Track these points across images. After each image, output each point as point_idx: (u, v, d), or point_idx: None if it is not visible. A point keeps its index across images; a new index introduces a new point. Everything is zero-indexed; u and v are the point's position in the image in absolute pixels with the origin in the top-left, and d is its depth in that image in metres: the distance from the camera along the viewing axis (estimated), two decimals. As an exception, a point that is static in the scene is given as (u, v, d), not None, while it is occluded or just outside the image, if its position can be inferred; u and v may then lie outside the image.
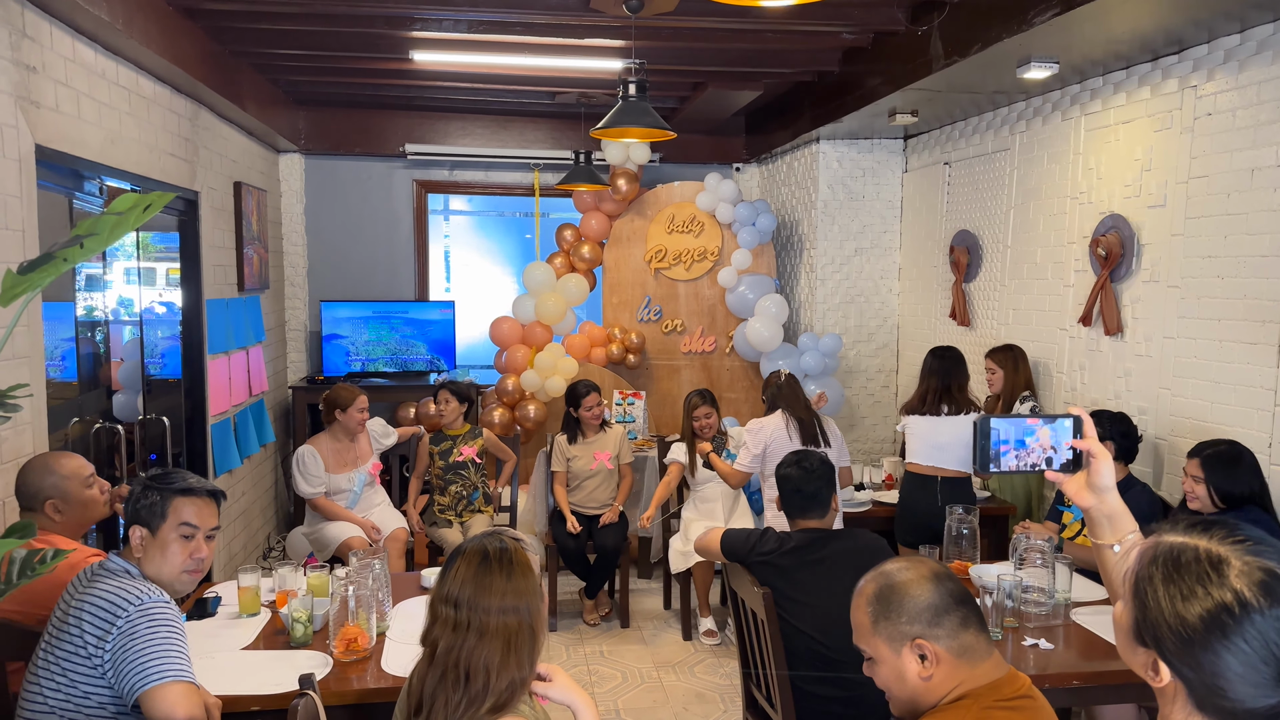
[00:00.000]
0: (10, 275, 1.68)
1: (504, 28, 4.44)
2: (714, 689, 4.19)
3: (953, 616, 1.58)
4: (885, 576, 1.65)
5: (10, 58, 2.91)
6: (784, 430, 4.27)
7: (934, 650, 1.57)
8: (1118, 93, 4.15)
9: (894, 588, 1.62)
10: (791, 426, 4.28)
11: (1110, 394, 4.18)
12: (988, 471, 1.61)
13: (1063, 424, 1.60)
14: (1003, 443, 1.60)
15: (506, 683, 1.68)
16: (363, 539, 4.45)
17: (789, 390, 4.37)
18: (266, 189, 6.18)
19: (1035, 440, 1.61)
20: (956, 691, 1.56)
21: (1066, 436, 1.60)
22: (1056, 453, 1.60)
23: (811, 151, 6.17)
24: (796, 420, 4.29)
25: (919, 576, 1.62)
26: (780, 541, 2.84)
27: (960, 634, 1.57)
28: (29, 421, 2.99)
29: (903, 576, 1.63)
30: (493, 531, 1.85)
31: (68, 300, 3.60)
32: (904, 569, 1.65)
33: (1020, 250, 4.89)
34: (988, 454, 1.60)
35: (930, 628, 1.58)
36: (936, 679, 1.58)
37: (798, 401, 4.33)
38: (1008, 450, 1.60)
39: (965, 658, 1.57)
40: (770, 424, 4.32)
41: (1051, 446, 1.60)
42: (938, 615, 1.58)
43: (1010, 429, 1.60)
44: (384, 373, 6.68)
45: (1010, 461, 1.60)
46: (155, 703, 1.96)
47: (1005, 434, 1.60)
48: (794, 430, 4.27)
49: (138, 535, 2.18)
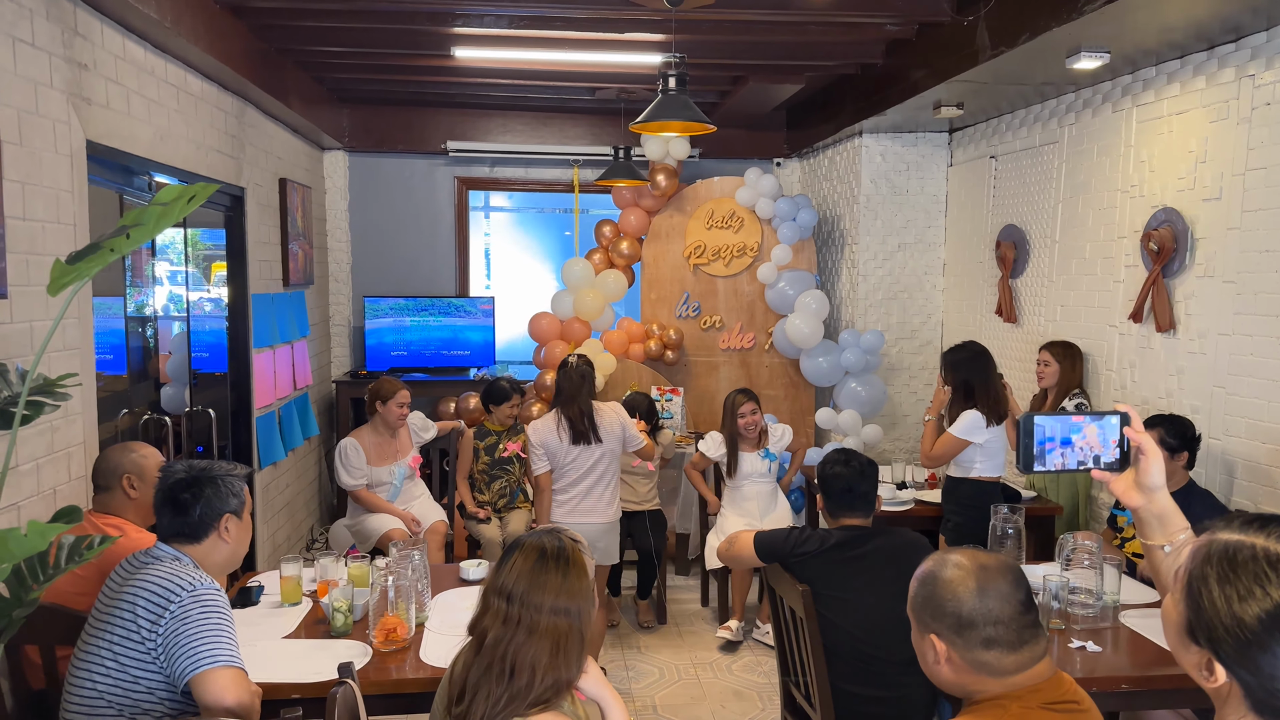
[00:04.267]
0: (59, 265, 1.71)
1: (545, 23, 4.44)
2: (752, 687, 4.16)
3: (977, 634, 1.51)
4: (938, 565, 1.59)
5: (63, 55, 2.98)
6: (554, 430, 3.97)
7: (947, 652, 1.53)
8: (1171, 83, 4.03)
9: (937, 580, 1.57)
10: (562, 425, 3.97)
11: (1161, 392, 4.08)
12: (1031, 470, 1.55)
13: (1109, 421, 1.54)
14: (1047, 440, 1.54)
15: (551, 682, 1.68)
16: (403, 531, 4.49)
17: (569, 383, 3.99)
18: (311, 186, 6.26)
19: (1081, 438, 1.55)
20: (986, 693, 1.52)
21: (1114, 434, 1.54)
22: (1104, 451, 1.55)
23: (854, 145, 6.09)
24: (567, 419, 3.97)
25: (962, 581, 1.54)
26: (821, 540, 2.81)
27: (979, 652, 1.51)
28: (79, 412, 3.05)
29: (948, 573, 1.57)
30: (551, 529, 1.86)
31: (118, 295, 3.68)
32: (956, 566, 1.57)
33: (1069, 245, 4.79)
34: (1031, 452, 1.54)
35: (951, 633, 1.53)
36: (948, 672, 1.55)
37: (566, 396, 3.98)
38: (1053, 448, 1.55)
39: (981, 672, 1.52)
40: (543, 425, 4.01)
41: (1099, 444, 1.55)
42: (961, 627, 1.52)
43: (1055, 426, 1.54)
44: (425, 368, 6.74)
45: (1055, 460, 1.54)
46: (206, 687, 1.99)
47: (1050, 431, 1.54)
48: (564, 430, 3.96)
49: (231, 523, 2.25)
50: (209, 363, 4.68)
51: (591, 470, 4.00)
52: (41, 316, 2.83)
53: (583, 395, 3.98)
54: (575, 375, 4.00)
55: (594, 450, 3.98)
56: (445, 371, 6.74)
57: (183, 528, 2.21)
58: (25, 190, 2.74)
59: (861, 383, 5.80)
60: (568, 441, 3.96)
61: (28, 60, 2.77)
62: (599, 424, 3.99)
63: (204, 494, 2.21)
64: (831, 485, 2.93)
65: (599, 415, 4.01)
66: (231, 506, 2.25)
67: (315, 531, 6.18)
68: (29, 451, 2.75)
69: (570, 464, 3.99)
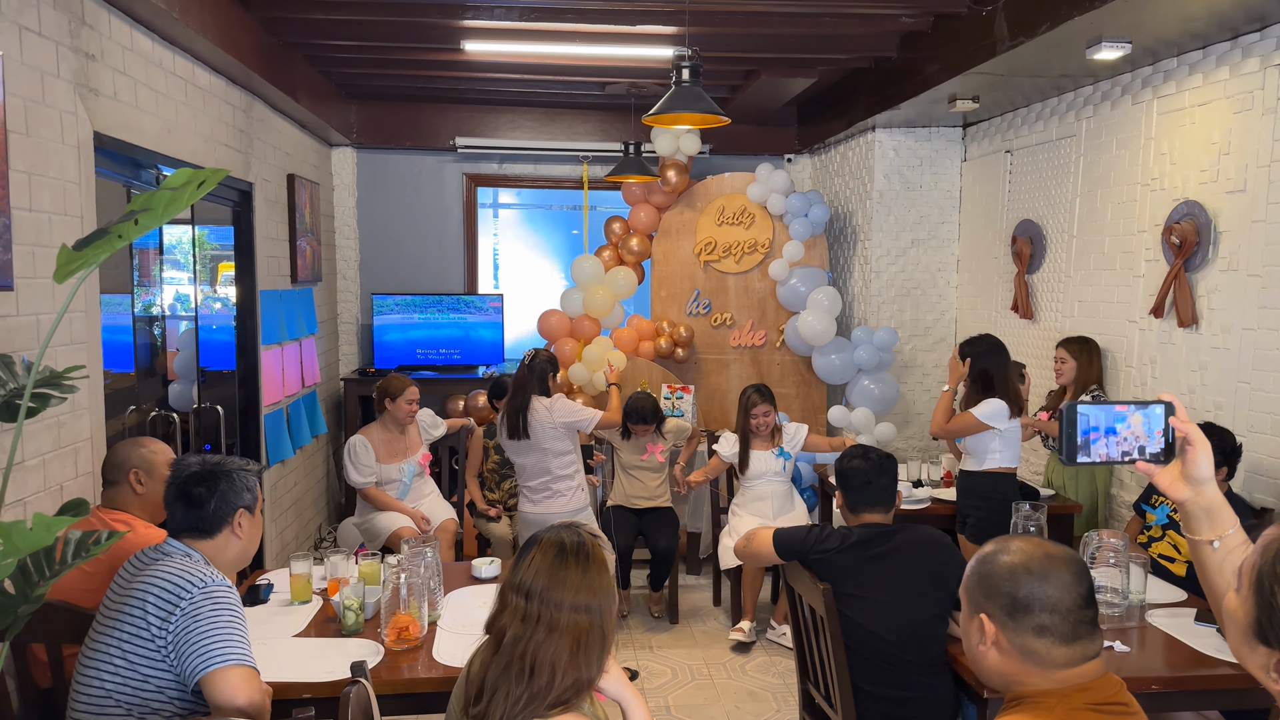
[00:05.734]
0: (65, 251, 1.66)
1: (556, 15, 4.39)
2: (766, 688, 4.10)
3: (1030, 620, 1.45)
4: (999, 547, 1.53)
5: (70, 45, 2.93)
6: (501, 425, 4.18)
7: (996, 634, 1.47)
8: (1193, 74, 3.97)
9: (997, 561, 1.50)
10: (502, 421, 4.17)
11: (1184, 388, 4.01)
12: (1076, 461, 1.47)
13: (1154, 410, 1.47)
14: (1092, 429, 1.48)
15: (572, 681, 1.63)
16: (413, 529, 4.44)
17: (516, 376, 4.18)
18: (319, 182, 6.22)
19: (1127, 428, 1.48)
20: (1029, 686, 1.46)
21: (1159, 425, 1.48)
22: (1149, 441, 1.49)
23: (867, 140, 6.03)
24: (505, 414, 4.15)
25: (1022, 565, 1.48)
26: (842, 537, 2.75)
27: (1029, 638, 1.45)
28: (87, 407, 3.01)
29: (1014, 555, 1.49)
30: (570, 524, 1.80)
31: (125, 292, 3.63)
32: (1019, 551, 1.50)
33: (1087, 240, 4.72)
34: (1075, 442, 1.47)
35: (1003, 614, 1.47)
36: (992, 659, 1.49)
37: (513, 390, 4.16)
38: (1097, 438, 1.48)
39: (1029, 660, 1.46)
40: (498, 420, 4.25)
41: (1144, 434, 1.49)
42: (1014, 610, 1.46)
43: (1100, 415, 1.48)
44: (433, 365, 6.69)
45: (1101, 450, 1.47)
46: (217, 686, 1.94)
47: (1095, 420, 1.48)
48: (503, 426, 4.15)
49: (245, 519, 2.21)
50: (217, 360, 4.64)
51: (538, 464, 4.14)
52: (48, 309, 2.79)
53: (526, 390, 4.11)
54: (522, 370, 4.18)
55: (528, 445, 4.12)
56: (453, 369, 6.69)
57: (196, 522, 2.16)
58: (32, 181, 2.70)
59: (874, 380, 5.73)
60: (506, 436, 4.14)
61: (35, 49, 2.72)
62: (531, 420, 4.10)
63: (218, 488, 2.17)
64: (850, 481, 2.87)
65: (532, 412, 4.11)
66: (245, 501, 2.21)
67: (323, 530, 6.14)
68: (35, 447, 2.71)
69: (517, 458, 4.19)
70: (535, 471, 4.17)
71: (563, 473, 4.17)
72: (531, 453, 4.14)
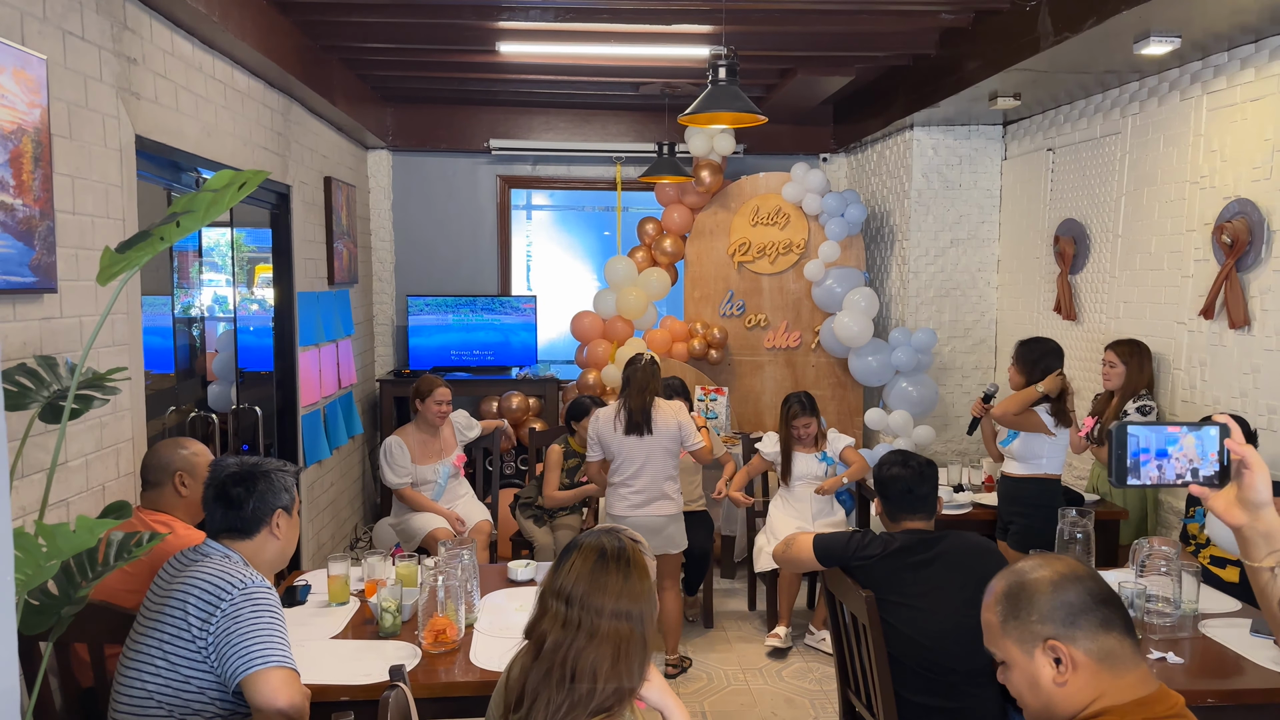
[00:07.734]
0: (109, 253, 1.66)
1: (591, 15, 4.37)
2: (803, 694, 4.05)
3: (1092, 617, 1.42)
4: (1017, 574, 1.51)
5: (112, 49, 2.96)
6: (611, 420, 4.04)
7: (1069, 653, 1.41)
8: (1245, 68, 3.86)
9: (1025, 585, 1.48)
10: (619, 416, 4.02)
11: (1235, 392, 3.90)
12: (1125, 484, 1.42)
13: (1208, 432, 1.41)
14: (1143, 451, 1.42)
15: (614, 689, 1.60)
16: (448, 530, 4.44)
17: (638, 376, 4.03)
18: (355, 185, 6.26)
19: (1179, 449, 1.43)
20: (1097, 704, 1.41)
21: (1213, 447, 1.41)
22: (1202, 464, 1.43)
23: (905, 139, 5.95)
24: (626, 410, 4.01)
25: (1054, 573, 1.47)
26: (885, 544, 2.70)
27: (1100, 636, 1.41)
28: (128, 408, 3.03)
29: (1036, 574, 1.49)
30: (610, 529, 1.77)
31: (165, 294, 3.67)
32: (1038, 566, 1.50)
33: (1132, 239, 4.61)
34: (1124, 464, 1.42)
35: (1065, 628, 1.42)
36: (1073, 686, 1.42)
37: (634, 389, 4.03)
38: (1147, 460, 1.42)
39: (1107, 664, 1.41)
40: (604, 414, 4.09)
41: (1197, 456, 1.43)
42: (1074, 615, 1.42)
43: (1151, 436, 1.42)
44: (467, 367, 6.71)
45: (1151, 472, 1.42)
46: (258, 687, 1.94)
47: (1145, 442, 1.42)
48: (619, 420, 4.01)
49: (282, 519, 2.22)
50: (255, 361, 4.68)
51: (647, 462, 4.00)
52: (91, 312, 2.81)
53: (650, 389, 4.03)
54: (648, 369, 4.06)
55: (644, 442, 4.00)
56: (487, 370, 6.70)
57: (235, 522, 2.16)
58: (75, 184, 2.72)
59: (912, 382, 5.65)
60: (621, 431, 4.00)
61: (78, 54, 2.75)
62: (655, 418, 4.01)
63: (256, 488, 2.17)
64: (890, 488, 2.81)
65: (657, 410, 4.04)
66: (283, 502, 2.21)
67: (359, 530, 6.17)
68: (78, 447, 2.73)
69: (622, 454, 4.03)
70: (645, 471, 4.00)
71: (673, 474, 4.08)
72: (646, 451, 4.00)
